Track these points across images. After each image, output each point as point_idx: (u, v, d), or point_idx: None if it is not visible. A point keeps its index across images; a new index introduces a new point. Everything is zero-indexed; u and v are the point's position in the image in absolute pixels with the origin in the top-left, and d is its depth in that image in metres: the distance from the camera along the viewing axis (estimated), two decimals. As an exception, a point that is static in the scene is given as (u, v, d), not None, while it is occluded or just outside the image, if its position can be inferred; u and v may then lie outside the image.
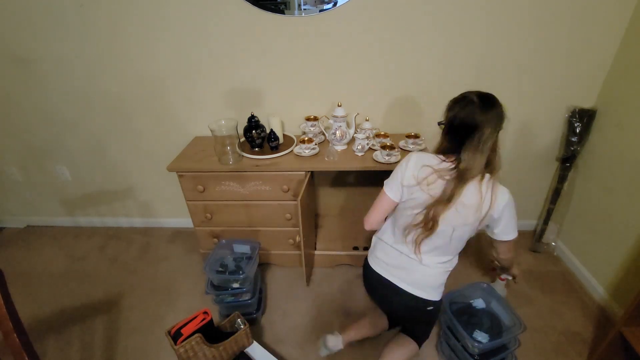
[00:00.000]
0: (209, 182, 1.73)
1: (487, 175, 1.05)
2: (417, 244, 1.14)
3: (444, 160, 1.09)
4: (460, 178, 1.02)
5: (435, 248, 1.15)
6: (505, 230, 1.14)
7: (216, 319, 1.65)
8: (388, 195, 1.18)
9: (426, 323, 1.40)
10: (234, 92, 1.90)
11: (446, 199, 1.04)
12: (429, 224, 1.08)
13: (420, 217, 1.10)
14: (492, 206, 1.04)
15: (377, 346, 1.48)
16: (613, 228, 1.69)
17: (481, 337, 1.34)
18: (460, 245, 1.17)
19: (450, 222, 1.07)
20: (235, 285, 1.60)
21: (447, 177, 1.05)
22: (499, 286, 1.66)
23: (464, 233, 1.11)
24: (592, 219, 1.84)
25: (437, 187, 1.06)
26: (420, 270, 1.19)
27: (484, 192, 1.03)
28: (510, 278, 1.60)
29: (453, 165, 1.05)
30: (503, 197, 1.06)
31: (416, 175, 1.09)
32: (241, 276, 1.57)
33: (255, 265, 1.68)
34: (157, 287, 1.95)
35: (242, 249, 1.77)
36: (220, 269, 1.68)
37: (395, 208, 1.21)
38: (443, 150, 1.11)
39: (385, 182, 1.21)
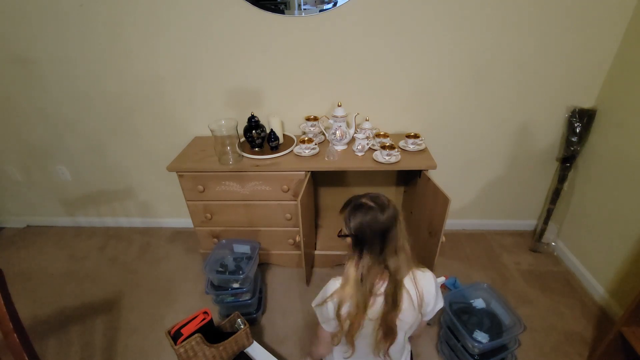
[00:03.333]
0: (209, 182, 1.73)
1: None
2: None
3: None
4: (394, 284, 0.94)
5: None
6: (437, 307, 1.05)
7: (216, 319, 1.66)
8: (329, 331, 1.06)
9: None
10: (234, 92, 1.90)
11: (391, 307, 0.95)
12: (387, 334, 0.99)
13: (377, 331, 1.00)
14: (423, 299, 0.98)
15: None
16: (613, 228, 1.69)
17: (481, 337, 1.34)
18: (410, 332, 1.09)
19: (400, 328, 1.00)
20: (235, 285, 1.60)
21: (380, 292, 0.95)
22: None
23: (412, 329, 1.06)
24: (592, 219, 1.84)
25: (376, 307, 0.96)
26: None
27: (409, 289, 0.96)
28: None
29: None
30: (428, 283, 1.00)
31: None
32: (241, 276, 1.57)
33: (255, 265, 1.68)
34: (157, 287, 1.95)
35: (242, 249, 1.77)
36: (220, 269, 1.68)
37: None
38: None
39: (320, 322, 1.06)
